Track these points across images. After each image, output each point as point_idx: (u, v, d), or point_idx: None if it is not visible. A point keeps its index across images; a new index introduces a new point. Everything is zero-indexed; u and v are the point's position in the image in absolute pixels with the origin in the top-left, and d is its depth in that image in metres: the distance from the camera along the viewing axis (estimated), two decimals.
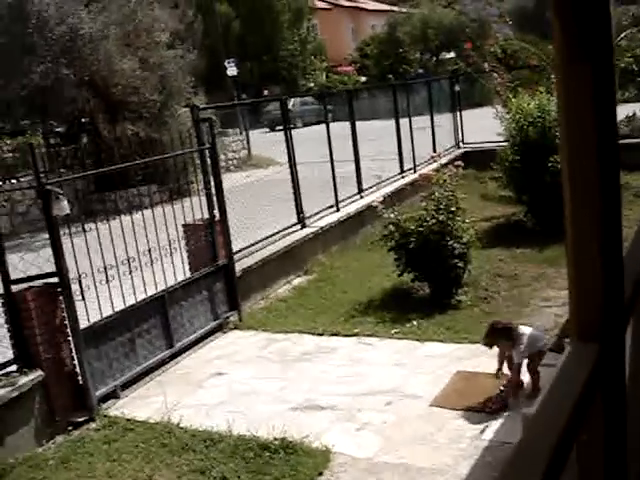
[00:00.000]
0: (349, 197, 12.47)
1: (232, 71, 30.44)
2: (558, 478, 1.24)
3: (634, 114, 16.05)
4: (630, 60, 15.90)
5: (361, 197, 12.72)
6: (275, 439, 5.38)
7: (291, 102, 23.60)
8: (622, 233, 1.83)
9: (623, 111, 15.06)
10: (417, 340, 7.24)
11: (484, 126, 15.40)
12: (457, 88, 18.78)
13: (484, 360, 6.37)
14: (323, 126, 12.02)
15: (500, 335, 5.76)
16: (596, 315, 1.64)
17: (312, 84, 34.05)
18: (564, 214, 3.71)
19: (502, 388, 5.78)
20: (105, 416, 6.35)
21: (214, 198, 8.38)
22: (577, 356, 1.60)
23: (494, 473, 4.58)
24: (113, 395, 6.76)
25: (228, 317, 8.47)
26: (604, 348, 1.61)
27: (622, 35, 14.15)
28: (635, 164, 12.44)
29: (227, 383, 6.86)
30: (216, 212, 8.39)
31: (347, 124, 12.98)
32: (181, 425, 5.94)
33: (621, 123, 15.88)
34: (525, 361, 5.77)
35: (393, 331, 7.55)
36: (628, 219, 5.97)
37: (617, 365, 1.70)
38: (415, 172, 14.83)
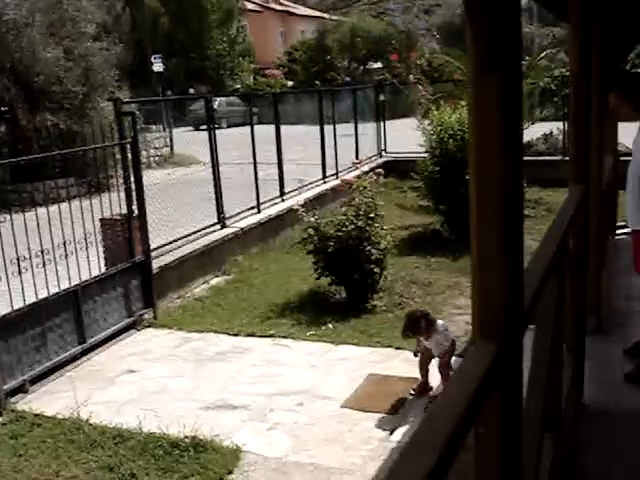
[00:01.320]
0: (271, 199, 12.49)
1: (158, 67, 30.10)
2: (451, 465, 1.32)
3: (551, 132, 16.62)
4: (548, 80, 16.47)
5: (283, 200, 12.77)
6: (185, 437, 5.36)
7: (217, 102, 23.45)
8: (524, 241, 1.94)
9: (541, 129, 15.58)
10: (332, 343, 7.33)
11: (407, 136, 15.68)
12: (382, 98, 19.06)
13: (396, 364, 6.51)
14: (248, 128, 12.03)
15: (419, 324, 5.86)
16: (497, 316, 1.74)
17: (239, 85, 33.93)
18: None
19: (412, 391, 5.94)
20: (12, 411, 6.19)
21: (133, 194, 8.28)
22: (478, 352, 1.69)
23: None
24: (21, 389, 6.59)
25: (143, 314, 8.37)
26: (503, 346, 1.70)
27: (542, 55, 14.62)
28: (550, 180, 12.91)
29: (139, 380, 6.78)
30: (135, 208, 8.29)
31: (273, 127, 13.02)
32: (90, 421, 5.83)
33: (539, 141, 16.44)
34: (436, 360, 5.93)
35: (308, 333, 7.62)
36: (540, 232, 6.23)
37: (514, 363, 1.80)
38: (337, 178, 14.98)
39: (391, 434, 5.38)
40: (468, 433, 1.46)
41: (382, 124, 18.81)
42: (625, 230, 8.88)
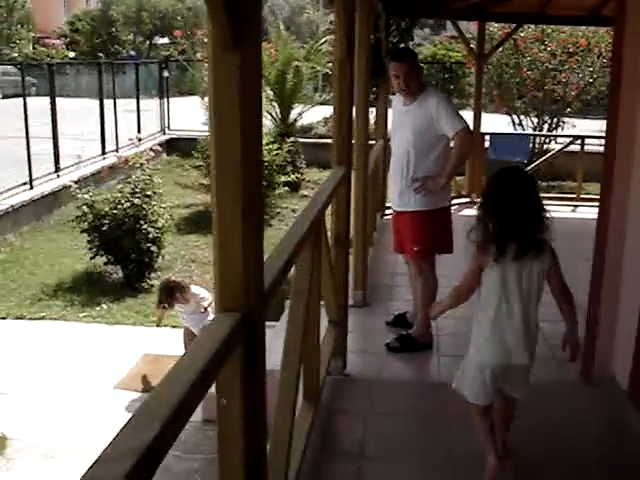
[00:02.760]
0: (45, 175, 11.86)
1: None
2: (176, 435, 1.34)
3: (331, 116, 17.19)
4: (330, 65, 16.98)
5: (58, 176, 12.17)
6: None
7: None
8: (263, 222, 2.00)
9: (322, 112, 16.05)
10: (106, 324, 7.17)
11: (192, 115, 15.56)
12: (165, 74, 18.73)
13: (171, 343, 6.48)
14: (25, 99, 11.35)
15: (173, 290, 5.87)
16: (236, 289, 1.79)
17: (16, 54, 31.69)
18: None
19: None
20: None
21: None
22: (217, 325, 1.73)
23: None
24: None
25: None
26: (243, 318, 1.76)
27: (323, 40, 15.04)
28: (329, 162, 13.36)
29: None
30: None
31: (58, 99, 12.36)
32: None
33: (319, 124, 16.97)
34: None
35: (82, 315, 7.38)
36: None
37: (255, 334, 1.86)
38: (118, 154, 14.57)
39: None
40: (196, 403, 1.49)
41: (166, 101, 18.47)
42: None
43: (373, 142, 7.81)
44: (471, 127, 4.79)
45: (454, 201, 7.99)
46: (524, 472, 3.36)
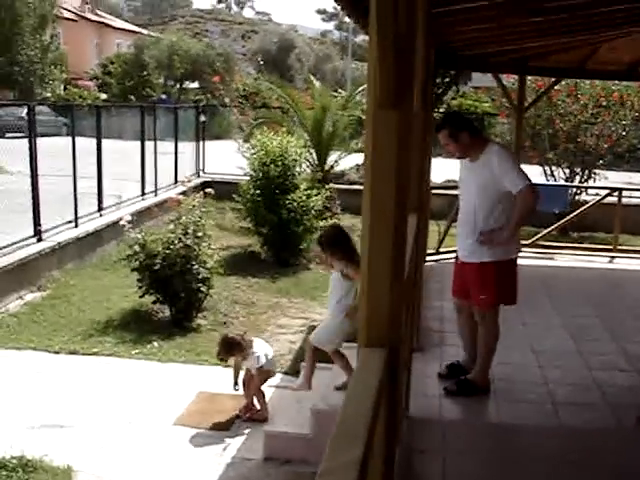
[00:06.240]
0: (89, 214, 12.15)
1: None
2: (371, 449, 1.50)
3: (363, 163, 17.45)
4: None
5: (101, 215, 12.47)
6: (13, 457, 5.14)
7: (24, 110, 22.27)
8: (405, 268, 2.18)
9: (355, 159, 16.31)
10: (158, 361, 7.31)
11: (224, 158, 15.87)
12: (202, 118, 19.16)
13: (224, 381, 6.61)
14: (57, 139, 11.66)
15: (232, 348, 5.96)
16: (382, 327, 1.95)
17: (49, 94, 32.47)
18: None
19: (239, 412, 6.03)
20: None
21: None
22: (371, 356, 1.90)
23: None
24: None
25: None
26: (390, 353, 1.92)
27: (359, 89, 15.34)
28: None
29: None
30: None
31: (87, 140, 12.67)
32: None
33: (351, 170, 17.25)
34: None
35: (134, 352, 7.53)
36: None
37: (398, 369, 2.02)
38: (156, 195, 14.88)
39: (224, 450, 5.48)
40: (380, 425, 1.65)
41: (202, 144, 18.87)
42: (433, 257, 9.64)
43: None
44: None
45: None
46: None
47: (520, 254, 5.15)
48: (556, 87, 12.99)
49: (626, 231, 11.95)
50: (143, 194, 14.66)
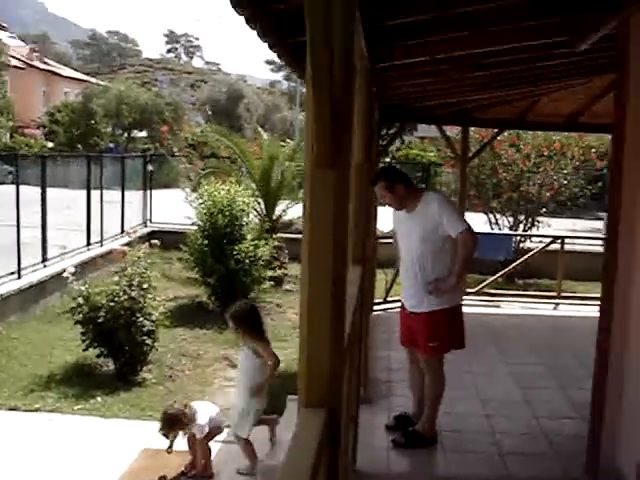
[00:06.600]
0: (32, 265, 11.91)
1: None
2: None
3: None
4: None
5: (45, 266, 12.24)
6: None
7: None
8: (345, 323, 2.17)
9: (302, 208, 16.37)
10: (102, 417, 7.13)
11: (171, 207, 15.78)
12: (150, 168, 19.10)
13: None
14: (1, 187, 11.48)
15: (174, 424, 5.74)
16: (323, 386, 1.94)
17: None
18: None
19: (184, 469, 5.87)
20: None
21: None
22: (310, 416, 1.87)
23: None
24: None
25: None
26: (330, 414, 1.90)
27: None
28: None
29: None
30: None
31: (32, 188, 12.51)
32: None
33: (299, 219, 17.29)
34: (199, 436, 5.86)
35: (77, 407, 7.34)
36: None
37: (338, 429, 2.00)
38: (102, 245, 14.69)
39: None
40: None
41: (149, 193, 18.76)
42: (381, 307, 9.66)
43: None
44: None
45: None
46: None
47: (466, 302, 5.21)
48: (499, 137, 13.32)
49: (570, 277, 12.18)
50: (89, 244, 14.47)
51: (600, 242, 13.86)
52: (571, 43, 4.99)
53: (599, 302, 4.64)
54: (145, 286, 8.42)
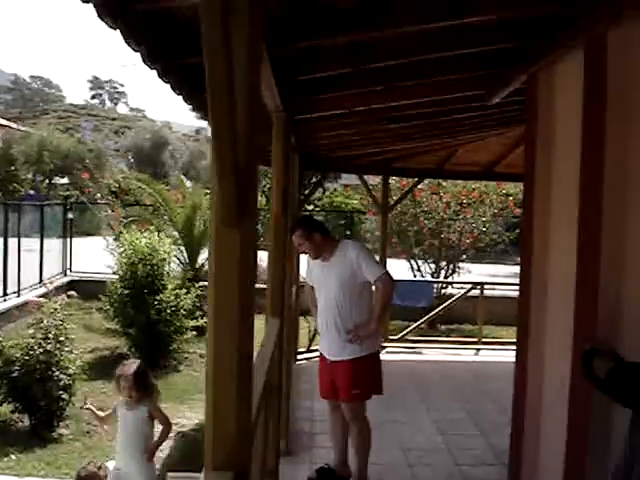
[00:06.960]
0: None
1: None
2: None
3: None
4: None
5: None
6: None
7: None
8: (252, 382, 2.14)
9: None
10: (16, 476, 6.84)
11: (93, 255, 15.46)
12: (70, 215, 18.71)
13: None
14: None
15: None
16: (230, 447, 1.90)
17: None
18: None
19: None
20: None
21: None
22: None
23: None
24: None
25: None
26: (237, 477, 1.86)
27: None
28: None
29: None
30: None
31: None
32: None
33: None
34: None
35: None
36: None
37: None
38: (19, 296, 14.23)
39: None
40: None
41: (69, 241, 18.34)
42: (305, 356, 9.62)
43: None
44: None
45: None
46: None
47: (390, 349, 5.24)
48: (420, 186, 13.59)
49: (490, 322, 12.42)
50: (5, 295, 13.98)
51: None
52: (483, 97, 5.17)
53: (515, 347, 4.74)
54: (62, 339, 8.18)
